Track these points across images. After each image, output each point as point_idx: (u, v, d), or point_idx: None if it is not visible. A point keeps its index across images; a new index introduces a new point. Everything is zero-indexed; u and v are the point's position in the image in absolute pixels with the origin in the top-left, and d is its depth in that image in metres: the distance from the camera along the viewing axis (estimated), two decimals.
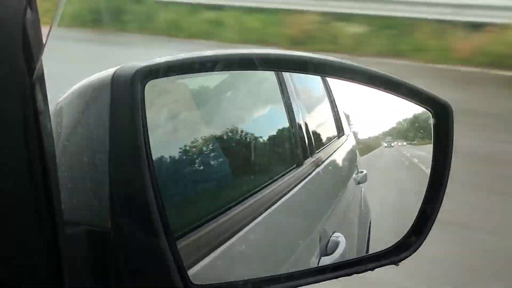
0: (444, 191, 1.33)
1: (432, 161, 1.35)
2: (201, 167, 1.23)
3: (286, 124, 1.47)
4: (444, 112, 1.35)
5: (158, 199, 1.03)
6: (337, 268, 1.30)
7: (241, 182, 1.31)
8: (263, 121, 1.39)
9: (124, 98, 1.04)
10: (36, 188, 0.92)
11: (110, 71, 1.07)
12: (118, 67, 1.08)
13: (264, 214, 1.35)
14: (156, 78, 1.09)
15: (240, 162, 1.29)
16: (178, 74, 1.15)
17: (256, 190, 1.34)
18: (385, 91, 1.34)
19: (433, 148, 1.36)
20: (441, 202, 1.32)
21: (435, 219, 1.32)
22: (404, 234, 1.33)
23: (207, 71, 1.16)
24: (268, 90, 1.42)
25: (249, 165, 1.32)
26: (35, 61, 0.89)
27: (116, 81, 1.05)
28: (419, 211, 1.35)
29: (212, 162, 1.23)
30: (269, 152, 1.40)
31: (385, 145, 1.54)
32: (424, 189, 1.39)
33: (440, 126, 1.37)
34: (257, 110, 1.38)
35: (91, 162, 1.07)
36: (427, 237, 1.32)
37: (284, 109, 1.47)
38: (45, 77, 0.91)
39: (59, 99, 1.12)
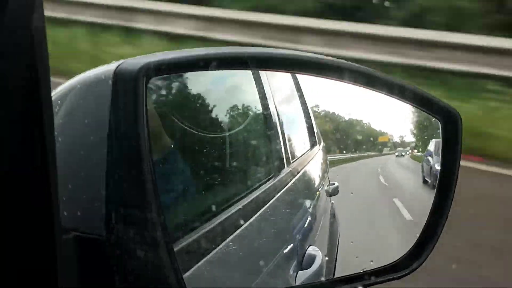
0: (451, 203, 1.32)
1: (440, 173, 1.34)
2: (188, 174, 1.17)
3: (265, 133, 1.45)
4: (453, 121, 1.35)
5: (158, 206, 0.97)
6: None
7: (223, 191, 1.27)
8: (245, 130, 1.35)
9: (127, 95, 0.98)
10: (37, 186, 0.88)
11: (111, 65, 1.00)
12: (120, 61, 1.01)
13: (244, 225, 1.32)
14: (158, 75, 1.03)
15: (223, 170, 1.25)
16: (178, 72, 1.11)
17: (236, 199, 1.31)
18: (388, 95, 1.32)
19: (441, 158, 1.35)
20: (447, 217, 1.31)
21: (440, 233, 1.31)
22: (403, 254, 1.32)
23: (205, 69, 1.11)
24: (249, 98, 1.39)
25: (233, 173, 1.28)
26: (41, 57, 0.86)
27: (119, 76, 0.99)
28: (423, 229, 1.33)
29: (202, 169, 1.19)
30: (250, 161, 1.36)
31: (397, 154, 1.50)
32: None
33: (449, 135, 1.35)
34: (239, 118, 1.34)
35: (86, 162, 1.00)
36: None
37: (263, 119, 1.44)
38: None
39: (55, 91, 1.03)
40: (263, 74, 1.40)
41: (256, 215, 1.37)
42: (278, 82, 1.44)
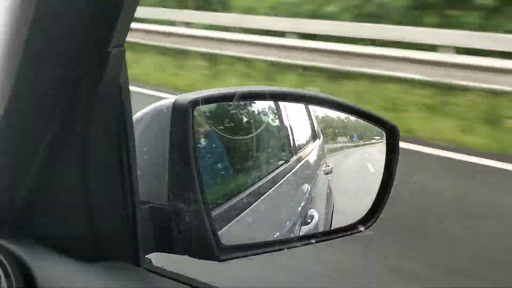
0: (391, 187, 1.83)
1: (384, 167, 1.86)
2: (225, 163, 1.69)
3: (280, 133, 1.99)
4: (393, 131, 1.88)
5: (201, 186, 1.41)
6: (318, 236, 1.81)
7: (249, 173, 1.77)
8: (266, 130, 1.86)
9: (180, 120, 1.42)
10: (123, 174, 1.27)
11: (171, 99, 1.43)
12: (177, 96, 1.43)
13: (265, 195, 1.84)
14: (201, 105, 1.54)
15: (251, 160, 1.77)
16: (215, 103, 1.61)
17: (259, 178, 1.81)
18: (349, 115, 1.91)
19: (385, 157, 1.85)
20: (390, 194, 1.84)
21: (385, 204, 1.83)
22: (363, 215, 1.86)
23: (232, 101, 1.64)
24: (270, 112, 1.90)
25: (256, 162, 1.80)
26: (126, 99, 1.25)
27: (175, 108, 1.41)
28: (373, 202, 1.86)
29: (235, 160, 1.73)
30: (269, 152, 1.90)
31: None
32: None
33: (390, 142, 1.88)
34: (262, 124, 1.84)
35: (156, 162, 1.42)
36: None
37: (279, 123, 1.95)
38: None
39: (135, 116, 1.42)
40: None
41: (271, 190, 1.88)
42: (290, 105, 1.96)
